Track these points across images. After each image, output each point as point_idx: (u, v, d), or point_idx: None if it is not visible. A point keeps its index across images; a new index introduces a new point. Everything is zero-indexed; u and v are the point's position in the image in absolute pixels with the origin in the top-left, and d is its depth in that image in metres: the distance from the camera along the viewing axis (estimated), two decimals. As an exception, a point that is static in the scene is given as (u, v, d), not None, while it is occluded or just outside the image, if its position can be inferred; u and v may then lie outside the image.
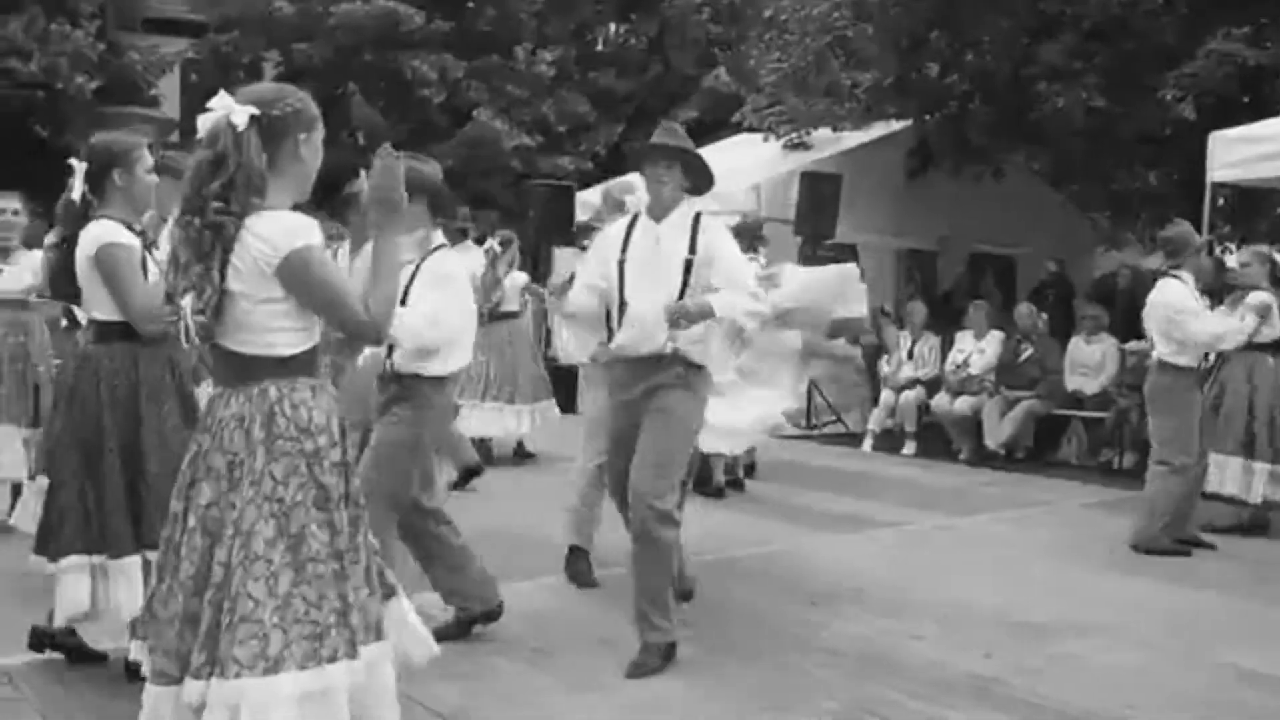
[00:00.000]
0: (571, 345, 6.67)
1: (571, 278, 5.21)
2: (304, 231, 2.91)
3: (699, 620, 5.52)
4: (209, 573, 2.88)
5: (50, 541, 4.34)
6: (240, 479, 2.91)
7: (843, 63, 13.67)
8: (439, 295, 4.71)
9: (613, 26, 24.40)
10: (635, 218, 5.14)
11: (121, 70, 19.60)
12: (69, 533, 4.28)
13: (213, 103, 2.94)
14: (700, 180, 5.03)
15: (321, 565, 2.92)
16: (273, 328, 2.94)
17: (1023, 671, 4.93)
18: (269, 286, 2.89)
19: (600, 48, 24.24)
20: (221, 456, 2.94)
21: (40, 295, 6.71)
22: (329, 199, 6.56)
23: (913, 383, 11.82)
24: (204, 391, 7.19)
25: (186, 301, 2.91)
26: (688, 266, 4.89)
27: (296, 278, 2.90)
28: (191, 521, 2.94)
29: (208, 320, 2.90)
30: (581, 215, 12.98)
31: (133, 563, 4.27)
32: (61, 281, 4.65)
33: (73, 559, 4.27)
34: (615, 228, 5.21)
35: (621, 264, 5.01)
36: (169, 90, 22.00)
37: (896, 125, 13.81)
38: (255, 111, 2.91)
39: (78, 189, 4.43)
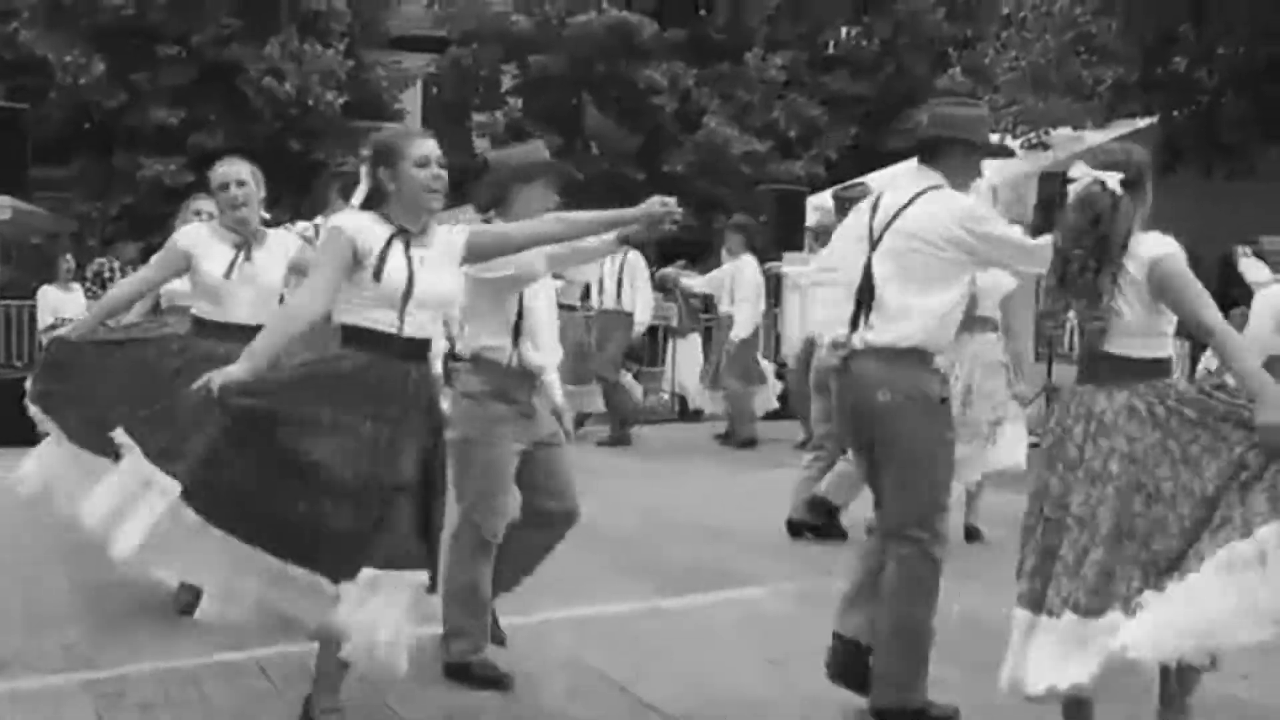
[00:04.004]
0: None
1: None
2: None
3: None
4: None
5: None
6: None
7: (1084, 59, 13.22)
8: None
9: (844, 29, 24.14)
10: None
11: (367, 86, 20.43)
12: None
13: (1074, 171, 3.73)
14: None
15: None
16: (1150, 332, 3.73)
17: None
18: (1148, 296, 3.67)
19: (832, 50, 24.02)
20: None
21: None
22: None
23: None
24: None
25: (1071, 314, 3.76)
26: None
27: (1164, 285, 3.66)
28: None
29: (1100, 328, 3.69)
30: (812, 220, 12.96)
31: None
32: None
33: None
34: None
35: None
36: (411, 104, 22.82)
37: (1141, 123, 13.28)
38: (1123, 176, 3.68)
39: (361, 190, 4.14)
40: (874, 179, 14.81)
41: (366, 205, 3.98)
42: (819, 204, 13.48)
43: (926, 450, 4.26)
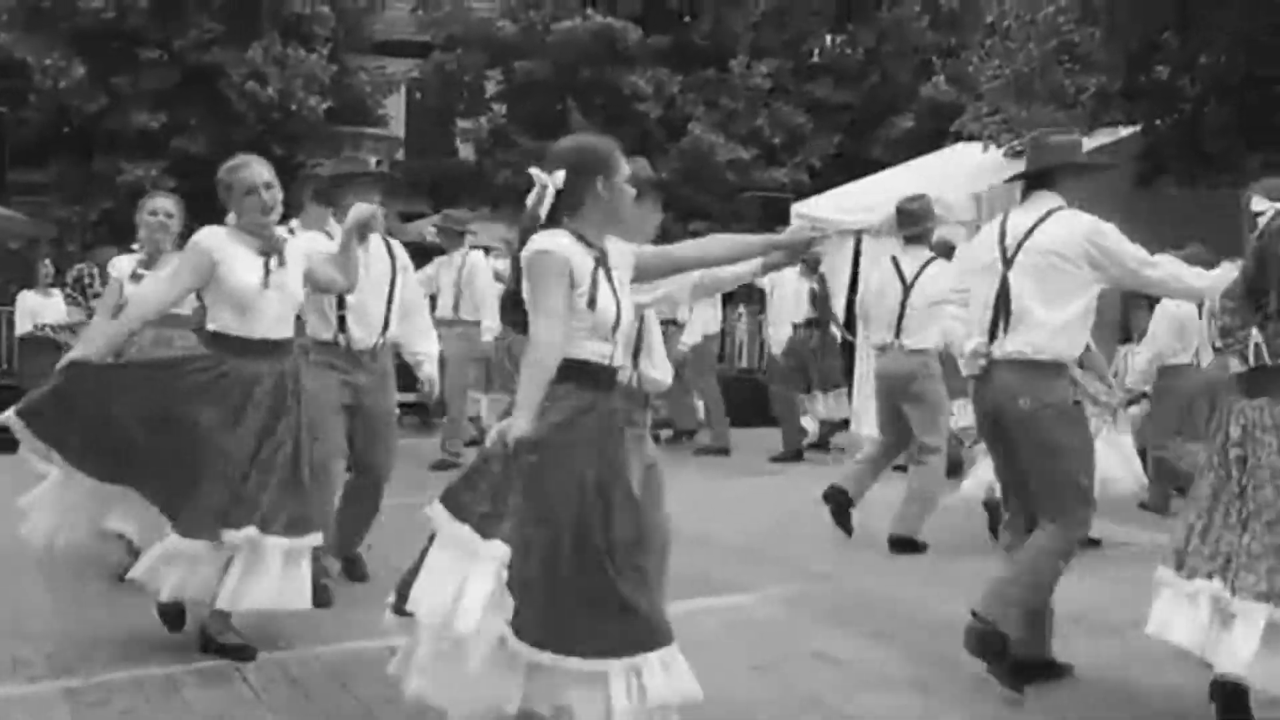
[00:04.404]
0: None
1: None
2: None
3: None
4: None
5: None
6: None
7: (1068, 68, 13.23)
8: None
9: (829, 37, 24.19)
10: None
11: (350, 91, 20.41)
12: None
13: (1256, 205, 4.33)
14: None
15: None
16: None
17: None
18: None
19: (816, 58, 24.06)
20: None
21: None
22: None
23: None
24: None
25: (1254, 333, 4.20)
26: None
27: None
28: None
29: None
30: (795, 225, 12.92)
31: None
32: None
33: None
34: None
35: None
36: (395, 109, 22.78)
37: (1124, 132, 13.30)
38: None
39: (547, 201, 3.64)
40: (863, 185, 14.91)
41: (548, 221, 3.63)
42: (804, 211, 13.47)
43: (1066, 451, 4.67)
